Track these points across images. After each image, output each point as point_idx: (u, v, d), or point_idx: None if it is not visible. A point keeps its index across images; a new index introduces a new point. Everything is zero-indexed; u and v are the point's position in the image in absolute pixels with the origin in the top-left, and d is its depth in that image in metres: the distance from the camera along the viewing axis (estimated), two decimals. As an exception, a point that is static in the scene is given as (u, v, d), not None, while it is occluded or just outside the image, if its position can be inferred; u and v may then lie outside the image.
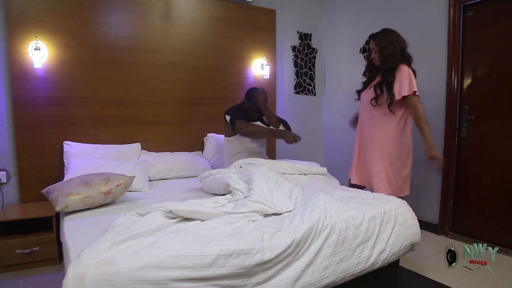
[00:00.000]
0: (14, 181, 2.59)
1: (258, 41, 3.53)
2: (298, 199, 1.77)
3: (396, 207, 1.82)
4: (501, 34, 2.53)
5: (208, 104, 3.30)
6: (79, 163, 2.45)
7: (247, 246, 1.27)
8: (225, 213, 1.53)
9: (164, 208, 1.50)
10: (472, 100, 2.74)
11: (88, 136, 2.77)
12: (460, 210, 2.84)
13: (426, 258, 2.43)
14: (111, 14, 2.82)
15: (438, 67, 2.89)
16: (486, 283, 2.08)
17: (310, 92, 3.99)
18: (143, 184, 2.41)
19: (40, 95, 2.60)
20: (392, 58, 2.18)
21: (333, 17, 3.95)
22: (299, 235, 1.39)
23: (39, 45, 2.51)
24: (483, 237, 2.64)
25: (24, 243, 2.24)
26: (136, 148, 2.89)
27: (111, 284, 1.09)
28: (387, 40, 2.23)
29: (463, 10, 2.72)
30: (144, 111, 3.01)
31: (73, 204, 1.82)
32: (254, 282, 1.28)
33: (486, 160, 2.66)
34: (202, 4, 3.22)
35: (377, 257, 1.64)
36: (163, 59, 3.06)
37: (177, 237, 1.27)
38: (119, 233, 1.29)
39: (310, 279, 1.40)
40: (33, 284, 2.10)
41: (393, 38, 2.24)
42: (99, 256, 1.14)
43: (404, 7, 3.13)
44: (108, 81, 2.84)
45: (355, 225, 1.59)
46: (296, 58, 3.87)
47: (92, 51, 2.77)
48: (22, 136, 2.56)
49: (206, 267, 1.20)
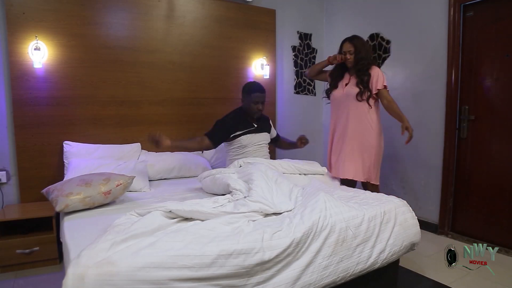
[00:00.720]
0: (14, 181, 2.59)
1: (258, 41, 3.53)
2: (298, 198, 1.77)
3: (396, 207, 1.82)
4: (501, 34, 2.53)
5: (208, 104, 3.30)
6: (79, 163, 2.45)
7: (247, 246, 1.27)
8: (225, 213, 1.53)
9: (164, 208, 1.50)
10: (472, 100, 2.73)
11: (88, 136, 2.77)
12: (460, 210, 2.84)
13: (426, 258, 2.43)
14: (111, 14, 2.82)
15: (438, 67, 2.89)
16: (486, 283, 2.08)
17: (310, 92, 3.99)
18: (143, 184, 2.41)
19: (40, 95, 2.60)
20: (365, 60, 2.47)
21: (333, 17, 3.95)
22: (299, 235, 1.39)
23: (39, 45, 2.51)
24: (483, 237, 2.64)
25: (24, 243, 2.24)
26: (136, 148, 2.89)
27: (111, 284, 1.09)
28: (360, 44, 2.51)
29: (463, 10, 2.72)
30: (144, 111, 3.01)
31: (73, 204, 1.82)
32: (254, 282, 1.28)
33: (486, 160, 2.66)
34: (202, 4, 3.22)
35: (377, 257, 1.64)
36: (163, 59, 3.06)
37: (177, 237, 1.27)
38: (119, 233, 1.29)
39: (310, 278, 1.40)
40: (33, 284, 2.10)
41: (364, 43, 2.56)
42: (99, 256, 1.14)
43: (404, 7, 3.13)
44: (108, 81, 2.84)
45: (355, 225, 1.59)
46: (296, 58, 3.87)
47: (92, 51, 2.77)
48: (22, 136, 2.56)
49: (206, 267, 1.20)
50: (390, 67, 3.28)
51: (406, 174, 3.19)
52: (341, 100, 2.56)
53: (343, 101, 2.54)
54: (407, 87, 3.14)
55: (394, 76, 3.23)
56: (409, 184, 3.17)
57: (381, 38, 3.35)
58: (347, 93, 2.52)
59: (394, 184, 3.28)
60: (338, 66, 2.61)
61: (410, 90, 3.11)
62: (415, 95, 3.07)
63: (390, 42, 3.27)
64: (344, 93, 2.54)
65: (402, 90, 3.17)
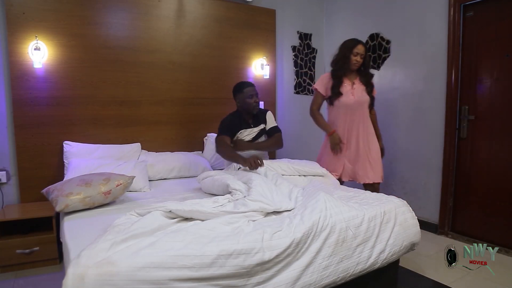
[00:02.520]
0: (14, 181, 2.59)
1: (258, 41, 3.53)
2: (298, 198, 1.77)
3: (396, 207, 1.82)
4: (501, 34, 2.53)
5: (208, 104, 3.30)
6: (79, 163, 2.45)
7: (247, 246, 1.27)
8: (225, 212, 1.53)
9: (164, 208, 1.50)
10: (472, 100, 2.73)
11: (88, 136, 2.77)
12: (460, 210, 2.84)
13: (426, 258, 2.43)
14: (111, 14, 2.82)
15: (438, 67, 2.89)
16: (486, 283, 2.08)
17: (310, 92, 3.99)
18: (143, 184, 2.41)
19: (40, 95, 2.60)
20: (369, 64, 2.65)
21: (333, 17, 3.95)
22: (299, 235, 1.39)
23: (39, 45, 2.51)
24: (483, 237, 2.64)
25: (24, 243, 2.24)
26: (136, 148, 2.89)
27: (111, 284, 1.09)
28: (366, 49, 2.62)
29: (463, 10, 2.72)
30: (144, 111, 3.01)
31: (73, 204, 1.82)
32: (254, 282, 1.28)
33: (486, 160, 2.66)
34: (202, 4, 3.22)
35: (377, 257, 1.64)
36: (163, 59, 3.06)
37: (177, 237, 1.27)
38: (119, 233, 1.29)
39: (310, 279, 1.40)
40: (33, 284, 2.10)
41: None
42: (99, 256, 1.14)
43: (404, 7, 3.13)
44: (108, 81, 2.84)
45: (355, 225, 1.59)
46: (296, 58, 3.87)
47: (92, 51, 2.77)
48: (22, 136, 2.56)
49: (206, 267, 1.20)
50: (390, 67, 3.28)
51: (406, 174, 3.19)
52: (354, 107, 2.58)
53: (357, 108, 2.58)
54: (407, 87, 3.14)
55: (394, 76, 3.23)
56: (409, 184, 3.17)
57: (381, 38, 3.35)
58: (360, 101, 2.57)
59: (394, 184, 3.28)
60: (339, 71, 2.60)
61: (410, 90, 3.11)
62: (415, 95, 3.07)
63: (390, 42, 3.27)
64: (356, 100, 2.56)
65: (402, 90, 3.17)
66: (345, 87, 2.58)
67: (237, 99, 2.59)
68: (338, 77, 2.59)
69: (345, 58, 2.56)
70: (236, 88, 2.60)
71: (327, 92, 2.64)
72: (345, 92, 2.57)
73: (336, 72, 2.61)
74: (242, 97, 2.53)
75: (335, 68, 2.62)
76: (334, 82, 2.60)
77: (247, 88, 2.53)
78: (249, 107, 2.54)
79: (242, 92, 2.53)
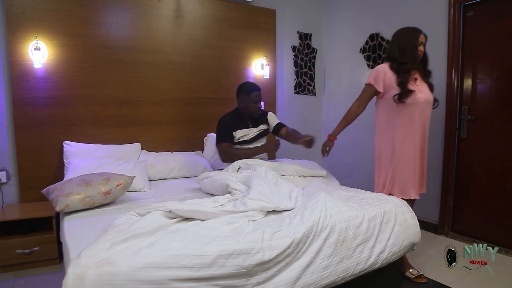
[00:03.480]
0: (14, 181, 2.59)
1: (258, 41, 3.53)
2: (298, 198, 1.77)
3: (396, 207, 1.82)
4: (501, 34, 2.53)
5: (208, 104, 3.30)
6: (79, 163, 2.45)
7: (247, 246, 1.27)
8: (225, 212, 1.53)
9: (164, 208, 1.50)
10: (472, 100, 2.73)
11: (88, 136, 2.77)
12: (460, 210, 2.84)
13: (426, 258, 2.43)
14: (111, 14, 2.82)
15: (438, 67, 2.88)
16: (486, 283, 2.08)
17: (310, 92, 3.99)
18: (143, 184, 2.41)
19: (40, 95, 2.60)
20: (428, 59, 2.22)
21: (333, 17, 3.95)
22: (299, 235, 1.39)
23: (39, 45, 2.51)
24: (483, 237, 2.64)
25: (24, 243, 2.24)
26: (136, 148, 2.89)
27: (111, 284, 1.09)
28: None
29: (463, 10, 2.72)
30: (144, 111, 3.01)
31: (73, 204, 1.82)
32: (254, 282, 1.28)
33: (486, 160, 2.66)
34: (202, 4, 3.22)
35: (377, 257, 1.64)
36: (163, 59, 3.06)
37: (177, 237, 1.27)
38: (119, 233, 1.29)
39: (310, 279, 1.40)
40: (33, 284, 2.10)
41: None
42: (99, 256, 1.14)
43: (404, 7, 3.13)
44: (108, 81, 2.84)
45: (355, 225, 1.59)
46: (296, 58, 3.87)
47: (92, 51, 2.77)
48: (22, 136, 2.56)
49: (206, 267, 1.20)
50: (390, 67, 3.28)
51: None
52: (423, 106, 2.12)
53: (426, 108, 2.14)
54: (407, 87, 3.13)
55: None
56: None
57: (381, 38, 3.35)
58: (428, 99, 2.15)
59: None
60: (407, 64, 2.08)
61: (410, 90, 3.11)
62: (415, 95, 3.06)
63: (390, 42, 3.26)
64: (426, 98, 2.12)
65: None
66: (410, 84, 2.10)
67: (241, 100, 2.56)
68: (407, 71, 2.08)
69: (414, 49, 2.08)
70: (243, 89, 2.56)
71: (386, 89, 2.13)
72: (417, 90, 2.10)
73: (404, 65, 2.08)
74: (248, 100, 2.51)
75: (403, 60, 2.08)
76: (402, 77, 2.07)
77: (255, 92, 2.51)
78: (253, 111, 2.55)
79: (249, 95, 2.51)
